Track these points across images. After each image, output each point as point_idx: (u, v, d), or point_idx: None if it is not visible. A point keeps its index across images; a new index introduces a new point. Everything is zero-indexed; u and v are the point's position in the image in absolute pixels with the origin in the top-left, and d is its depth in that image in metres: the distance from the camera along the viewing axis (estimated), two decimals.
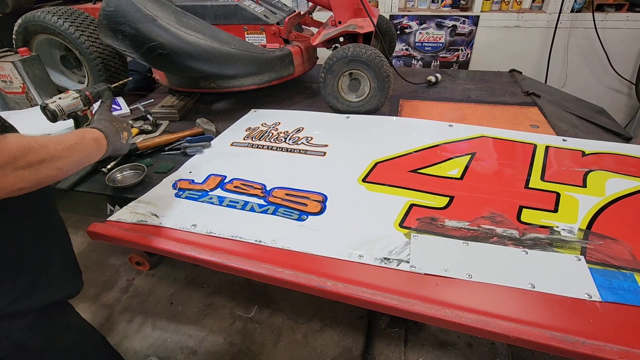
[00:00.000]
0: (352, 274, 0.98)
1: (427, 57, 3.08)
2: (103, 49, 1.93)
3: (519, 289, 0.90)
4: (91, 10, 2.05)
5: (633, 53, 2.77)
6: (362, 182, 1.32)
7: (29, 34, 1.96)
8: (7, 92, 1.84)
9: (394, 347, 1.55)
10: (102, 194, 1.35)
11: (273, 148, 1.56)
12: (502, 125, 1.64)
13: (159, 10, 1.59)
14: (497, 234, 1.06)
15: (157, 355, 1.66)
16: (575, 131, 1.65)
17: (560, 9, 2.66)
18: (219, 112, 1.98)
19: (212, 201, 1.25)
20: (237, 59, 1.71)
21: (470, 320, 0.83)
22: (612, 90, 2.96)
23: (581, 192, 1.22)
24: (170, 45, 1.55)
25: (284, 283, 0.97)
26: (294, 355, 1.64)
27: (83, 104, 1.52)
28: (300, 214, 1.18)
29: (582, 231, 1.06)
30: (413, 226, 1.11)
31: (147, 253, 1.95)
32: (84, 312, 0.92)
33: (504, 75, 2.30)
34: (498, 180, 1.30)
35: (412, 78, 2.19)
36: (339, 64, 1.67)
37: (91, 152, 0.91)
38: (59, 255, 0.93)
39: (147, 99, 2.12)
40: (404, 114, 1.84)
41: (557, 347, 0.77)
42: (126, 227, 1.16)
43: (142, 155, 1.55)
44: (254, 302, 1.87)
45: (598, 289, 0.88)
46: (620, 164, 1.36)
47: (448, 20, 2.86)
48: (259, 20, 1.87)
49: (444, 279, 0.95)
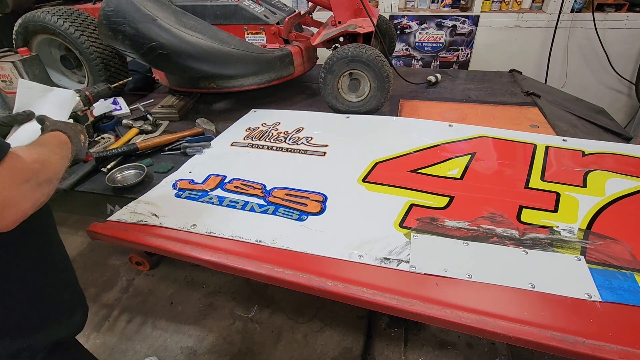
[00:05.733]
0: (352, 274, 0.98)
1: (427, 57, 3.08)
2: (103, 49, 1.93)
3: (519, 289, 0.90)
4: (91, 10, 2.05)
5: (633, 53, 2.77)
6: (362, 182, 1.32)
7: (29, 34, 1.96)
8: (7, 92, 1.84)
9: (394, 347, 1.55)
10: (102, 194, 1.35)
11: (273, 148, 1.56)
12: (502, 125, 1.64)
13: (159, 10, 1.59)
14: (497, 234, 1.06)
15: (157, 355, 1.66)
16: (575, 131, 1.65)
17: (560, 9, 2.66)
18: (219, 112, 1.98)
19: (212, 201, 1.25)
20: (237, 59, 1.71)
21: (470, 320, 0.83)
22: (612, 90, 2.96)
23: (581, 192, 1.22)
24: (170, 45, 1.55)
25: (284, 283, 0.97)
26: (294, 355, 1.64)
27: (83, 104, 1.52)
28: (300, 214, 1.18)
29: (582, 231, 1.06)
30: (413, 226, 1.11)
31: (147, 253, 1.95)
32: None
33: (504, 75, 2.30)
34: (498, 180, 1.30)
35: (412, 78, 2.19)
36: (339, 64, 1.67)
37: (67, 156, 0.83)
38: (67, 286, 0.91)
39: (147, 99, 2.12)
40: (404, 114, 1.84)
41: (557, 347, 0.77)
42: (126, 227, 1.16)
43: (142, 155, 1.55)
44: (254, 302, 1.87)
45: (598, 289, 0.89)
46: (620, 164, 1.36)
47: (448, 20, 2.86)
48: (259, 20, 1.87)
49: (444, 279, 0.94)
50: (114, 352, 1.69)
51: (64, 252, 0.92)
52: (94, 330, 1.78)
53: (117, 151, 1.49)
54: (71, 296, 0.91)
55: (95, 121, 1.71)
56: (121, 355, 1.68)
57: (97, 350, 1.70)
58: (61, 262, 0.90)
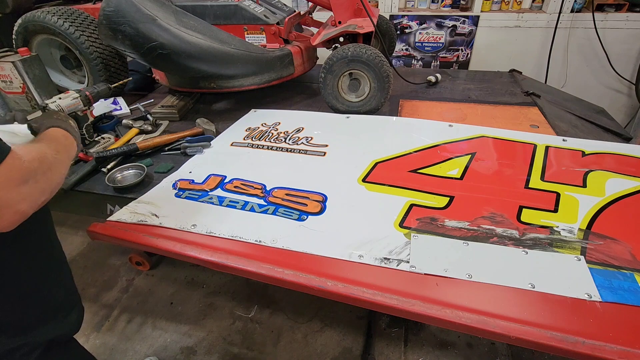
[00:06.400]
0: (352, 274, 0.98)
1: (427, 57, 3.07)
2: (103, 49, 1.93)
3: (519, 289, 0.90)
4: (91, 10, 2.05)
5: (633, 53, 2.77)
6: (362, 182, 1.32)
7: (29, 34, 1.96)
8: (7, 92, 1.84)
9: (394, 347, 1.55)
10: (102, 194, 1.35)
11: (273, 148, 1.56)
12: (502, 125, 1.64)
13: (159, 10, 1.59)
14: (497, 234, 1.06)
15: (157, 355, 1.66)
16: (575, 131, 1.65)
17: (560, 9, 2.66)
18: (219, 112, 1.98)
19: (212, 201, 1.25)
20: (237, 59, 1.71)
21: (470, 320, 0.83)
22: (612, 90, 2.96)
23: (581, 192, 1.22)
24: (170, 45, 1.55)
25: (284, 283, 0.97)
26: (294, 355, 1.64)
27: (83, 104, 1.52)
28: (300, 214, 1.18)
29: (582, 231, 1.06)
30: (413, 226, 1.11)
31: (147, 253, 1.95)
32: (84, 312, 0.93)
33: (504, 75, 2.30)
34: (498, 180, 1.30)
35: (412, 78, 2.19)
36: (339, 64, 1.67)
37: (71, 151, 0.82)
38: (63, 286, 0.91)
39: (147, 99, 2.12)
40: (404, 114, 1.84)
41: (557, 347, 0.77)
42: (126, 227, 1.16)
43: (142, 155, 1.55)
44: (254, 302, 1.87)
45: (598, 289, 0.89)
46: (620, 164, 1.36)
47: (448, 20, 2.86)
48: (259, 20, 1.87)
49: (444, 279, 0.94)
50: (114, 352, 1.69)
51: (61, 251, 0.92)
52: (94, 330, 1.78)
53: (117, 151, 1.49)
54: (67, 295, 0.92)
55: (95, 121, 1.71)
56: (121, 355, 1.67)
57: (97, 350, 1.70)
58: (58, 262, 0.90)
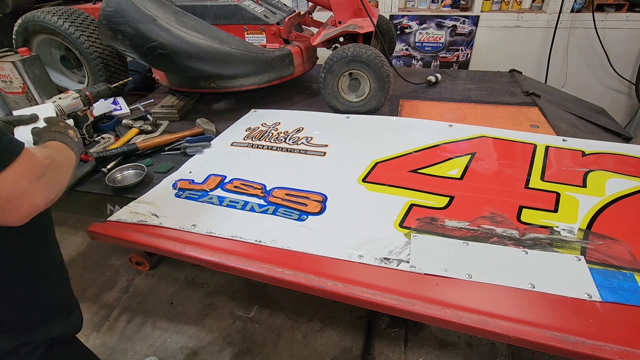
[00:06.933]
0: (352, 274, 0.98)
1: (427, 57, 3.07)
2: (103, 49, 1.93)
3: (519, 289, 0.91)
4: (91, 10, 2.05)
5: (633, 53, 2.77)
6: (362, 182, 1.32)
7: (29, 34, 1.96)
8: (7, 92, 1.84)
9: (394, 347, 1.55)
10: (102, 194, 1.35)
11: (273, 148, 1.56)
12: (502, 125, 1.64)
13: (159, 10, 1.59)
14: (497, 234, 1.06)
15: (157, 355, 1.66)
16: (575, 131, 1.65)
17: (560, 9, 2.66)
18: (219, 112, 1.98)
19: (212, 201, 1.25)
20: (237, 59, 1.71)
21: (470, 320, 0.83)
22: (612, 90, 2.96)
23: (581, 192, 1.22)
24: (170, 45, 1.55)
25: (284, 283, 0.97)
26: (294, 355, 1.64)
27: (83, 104, 1.52)
28: (300, 214, 1.18)
29: (582, 231, 1.06)
30: (413, 226, 1.11)
31: (147, 253, 1.95)
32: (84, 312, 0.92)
33: (504, 75, 2.30)
34: (498, 180, 1.30)
35: (412, 78, 2.19)
36: (339, 64, 1.67)
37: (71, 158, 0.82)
38: (64, 286, 0.92)
39: (147, 99, 2.12)
40: (404, 114, 1.84)
41: (557, 347, 0.77)
42: (126, 227, 1.16)
43: (142, 155, 1.55)
44: (254, 302, 1.87)
45: (598, 289, 0.89)
46: (620, 164, 1.36)
47: (448, 20, 2.86)
48: (259, 20, 1.87)
49: (444, 279, 0.95)
50: (114, 352, 1.69)
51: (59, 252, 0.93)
52: (94, 330, 1.78)
53: (117, 151, 1.49)
54: (68, 296, 0.93)
55: (95, 121, 1.71)
56: (121, 355, 1.67)
57: (97, 350, 1.70)
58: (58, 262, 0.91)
